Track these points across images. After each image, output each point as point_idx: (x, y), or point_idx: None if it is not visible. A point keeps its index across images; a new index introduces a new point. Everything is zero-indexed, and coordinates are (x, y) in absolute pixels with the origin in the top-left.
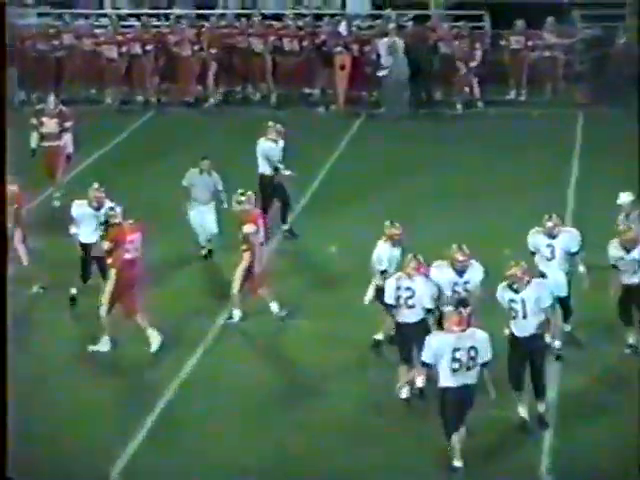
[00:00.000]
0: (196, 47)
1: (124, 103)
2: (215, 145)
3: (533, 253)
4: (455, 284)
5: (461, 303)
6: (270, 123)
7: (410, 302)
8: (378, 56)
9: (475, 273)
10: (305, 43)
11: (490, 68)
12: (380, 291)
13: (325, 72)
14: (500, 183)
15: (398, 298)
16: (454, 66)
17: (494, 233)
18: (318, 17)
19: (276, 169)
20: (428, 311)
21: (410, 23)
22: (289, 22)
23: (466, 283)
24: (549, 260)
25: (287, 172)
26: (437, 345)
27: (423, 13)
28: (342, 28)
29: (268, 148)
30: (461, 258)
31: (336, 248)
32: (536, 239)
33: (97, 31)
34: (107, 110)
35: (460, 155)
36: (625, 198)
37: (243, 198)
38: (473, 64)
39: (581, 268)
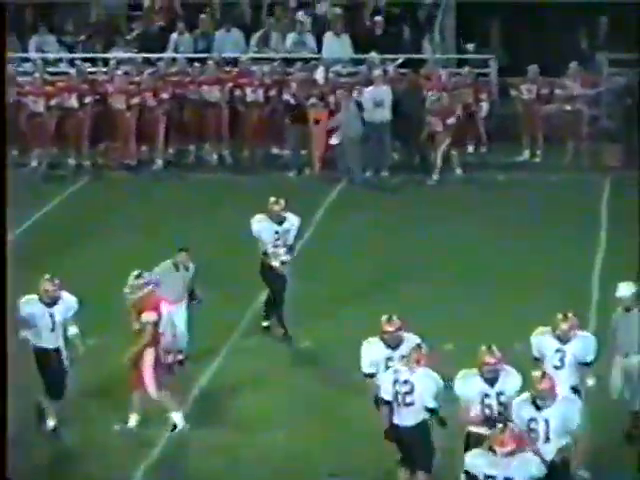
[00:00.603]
0: (136, 99)
1: (52, 167)
2: (163, 218)
3: (537, 359)
4: (486, 396)
5: (495, 422)
6: (272, 199)
7: (408, 399)
8: (360, 108)
9: (510, 381)
10: (272, 93)
11: (498, 124)
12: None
13: (297, 129)
14: (507, 264)
15: (396, 394)
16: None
17: (500, 325)
18: (288, 62)
19: (265, 253)
20: (430, 411)
21: (401, 70)
22: (253, 68)
23: (500, 394)
24: (557, 369)
25: (275, 262)
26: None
27: (416, 57)
28: (318, 75)
29: (259, 229)
30: (491, 361)
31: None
32: (543, 342)
33: (20, 79)
34: (31, 175)
35: (461, 230)
36: (625, 290)
37: (139, 282)
38: (479, 118)
39: (590, 381)
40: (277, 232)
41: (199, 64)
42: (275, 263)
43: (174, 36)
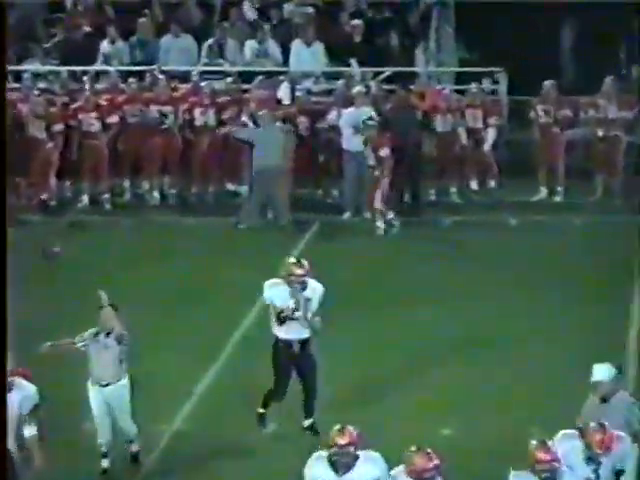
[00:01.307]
0: (59, 125)
1: None
2: (86, 273)
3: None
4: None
5: None
6: (292, 259)
7: None
8: (337, 132)
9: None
10: (226, 115)
11: (508, 154)
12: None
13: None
14: (521, 327)
15: None
16: (453, 150)
17: (516, 394)
18: (246, 76)
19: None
20: None
21: (388, 86)
22: (202, 84)
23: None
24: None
25: (295, 344)
26: None
27: (406, 70)
28: (282, 93)
29: (273, 296)
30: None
31: None
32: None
33: None
34: None
35: (461, 285)
36: (602, 373)
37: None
38: (487, 147)
39: None
40: (297, 301)
41: (135, 79)
42: (295, 344)
43: (105, 44)
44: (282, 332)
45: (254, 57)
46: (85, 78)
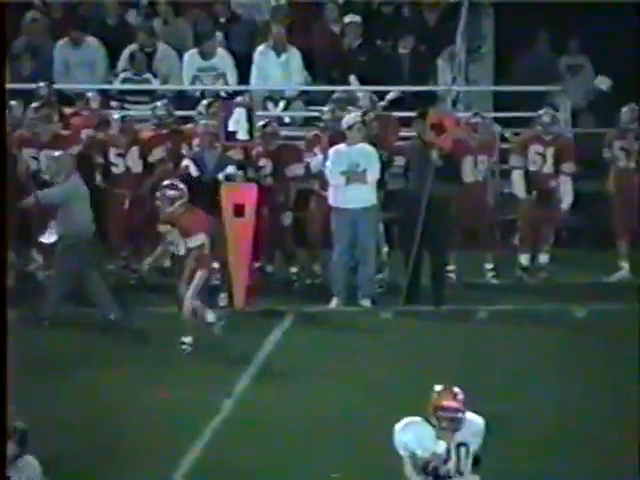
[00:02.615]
0: None
1: None
2: None
3: None
4: None
5: None
6: (438, 387)
7: None
8: (321, 181)
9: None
10: (155, 156)
11: (574, 213)
12: None
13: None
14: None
15: None
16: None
17: None
18: (186, 100)
19: None
20: None
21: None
22: (114, 112)
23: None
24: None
25: None
26: None
27: (422, 89)
28: (237, 122)
29: (410, 442)
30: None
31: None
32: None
33: None
34: None
35: (494, 388)
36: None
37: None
38: (565, 205)
39: None
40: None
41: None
42: None
43: None
44: None
45: (195, 71)
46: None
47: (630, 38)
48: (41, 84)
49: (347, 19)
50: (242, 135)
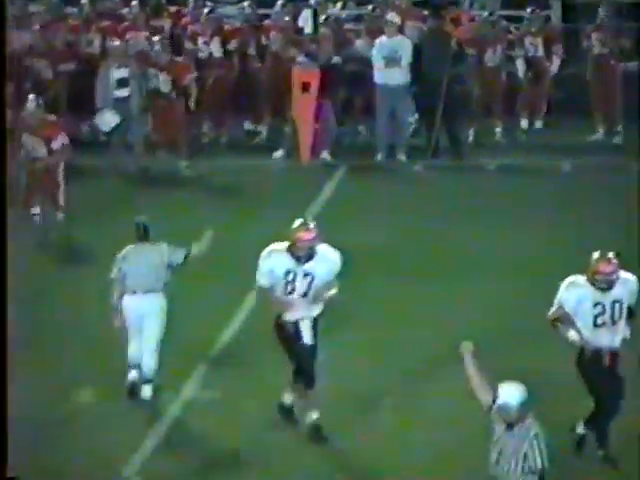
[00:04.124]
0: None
1: None
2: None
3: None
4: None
5: None
6: (297, 222)
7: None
8: (365, 64)
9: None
10: (234, 45)
11: (561, 90)
12: None
13: (276, 97)
14: None
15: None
16: (500, 85)
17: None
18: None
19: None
20: None
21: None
22: (205, 9)
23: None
24: (598, 327)
25: (306, 332)
26: None
27: None
28: (304, 19)
29: (273, 267)
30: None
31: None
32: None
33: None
34: None
35: (505, 231)
36: (511, 395)
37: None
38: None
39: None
40: (297, 273)
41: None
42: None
43: None
44: (284, 311)
45: None
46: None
47: None
48: None
49: None
50: (308, 29)
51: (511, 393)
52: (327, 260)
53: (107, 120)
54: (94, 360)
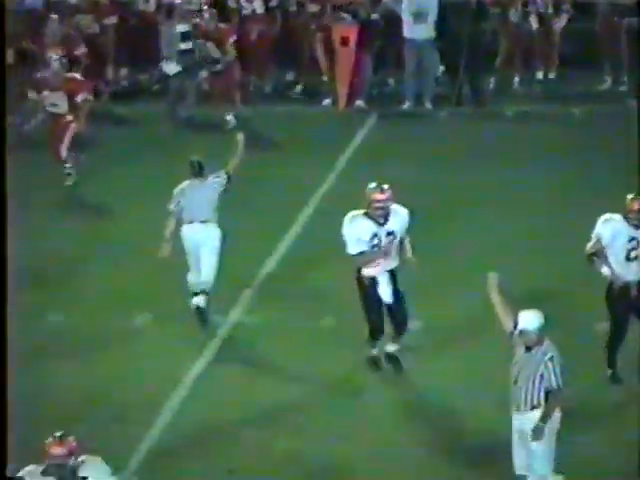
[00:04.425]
0: None
1: None
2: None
3: (593, 255)
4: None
5: None
6: (371, 185)
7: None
8: (395, 19)
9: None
10: (274, 2)
11: (572, 43)
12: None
13: (314, 50)
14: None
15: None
16: (522, 39)
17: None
18: None
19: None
20: None
21: None
22: None
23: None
24: (630, 260)
25: (385, 287)
26: None
27: None
28: None
29: (359, 234)
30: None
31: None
32: (613, 228)
33: None
34: None
35: (522, 177)
36: (530, 321)
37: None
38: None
39: None
40: (378, 235)
41: None
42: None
43: None
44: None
45: None
46: None
47: None
48: None
49: None
50: None
51: (529, 319)
52: (401, 217)
53: (171, 69)
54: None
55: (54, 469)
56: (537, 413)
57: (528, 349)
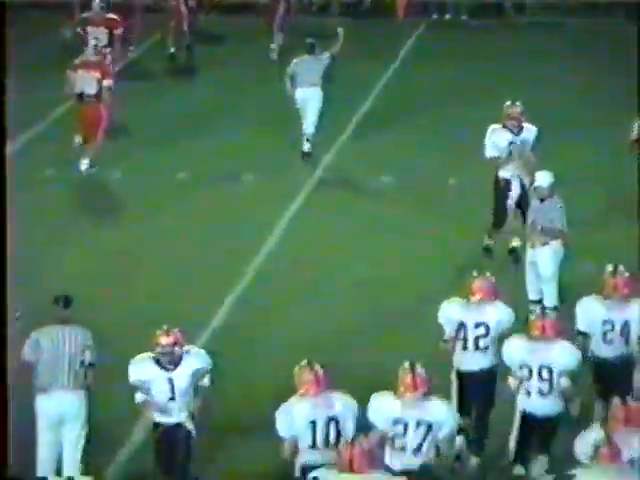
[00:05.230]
0: None
1: None
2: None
3: (582, 333)
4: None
5: None
6: (508, 104)
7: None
8: None
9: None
10: None
11: None
12: None
13: None
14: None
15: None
16: None
17: None
18: None
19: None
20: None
21: None
22: None
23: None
24: (607, 343)
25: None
26: None
27: None
28: None
29: (497, 142)
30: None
31: None
32: (593, 310)
33: None
34: None
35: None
36: (544, 179)
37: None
38: None
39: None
40: (512, 143)
41: None
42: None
43: None
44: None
45: None
46: None
47: None
48: None
49: None
50: None
51: (543, 177)
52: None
53: None
54: None
55: (163, 356)
56: (548, 250)
57: (542, 200)
